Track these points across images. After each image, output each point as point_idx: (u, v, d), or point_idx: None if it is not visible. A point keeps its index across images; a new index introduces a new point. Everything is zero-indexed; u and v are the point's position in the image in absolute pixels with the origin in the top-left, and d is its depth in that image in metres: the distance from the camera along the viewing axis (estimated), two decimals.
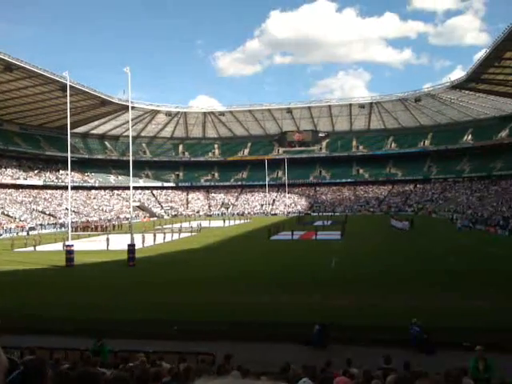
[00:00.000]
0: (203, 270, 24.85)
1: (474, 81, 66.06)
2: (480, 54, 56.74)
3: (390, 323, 14.05)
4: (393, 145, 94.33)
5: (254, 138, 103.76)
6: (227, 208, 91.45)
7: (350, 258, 28.62)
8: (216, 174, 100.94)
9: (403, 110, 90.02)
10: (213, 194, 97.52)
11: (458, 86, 71.47)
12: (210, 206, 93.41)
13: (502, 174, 74.61)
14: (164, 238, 42.10)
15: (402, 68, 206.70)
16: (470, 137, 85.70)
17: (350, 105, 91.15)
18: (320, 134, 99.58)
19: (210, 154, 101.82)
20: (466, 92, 73.94)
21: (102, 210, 77.20)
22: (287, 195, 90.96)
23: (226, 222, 64.17)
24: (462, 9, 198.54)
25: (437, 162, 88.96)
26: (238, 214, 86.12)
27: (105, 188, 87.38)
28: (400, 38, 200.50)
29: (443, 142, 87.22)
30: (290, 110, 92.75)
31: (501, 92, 69.27)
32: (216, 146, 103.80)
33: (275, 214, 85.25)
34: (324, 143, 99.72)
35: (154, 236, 40.45)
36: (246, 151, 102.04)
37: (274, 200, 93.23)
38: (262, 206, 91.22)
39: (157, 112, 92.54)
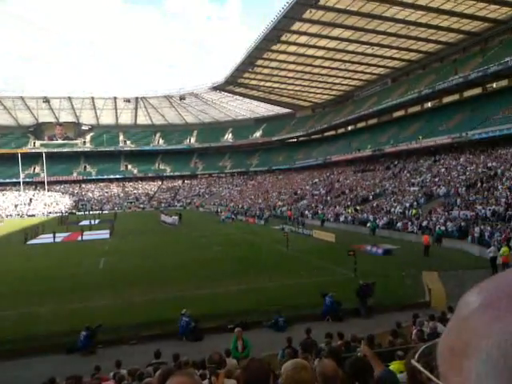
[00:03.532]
0: None
1: (232, 84, 72.82)
2: (237, 59, 62.21)
3: (161, 317, 13.96)
4: (161, 141, 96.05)
5: (3, 128, 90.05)
6: None
7: (118, 256, 27.67)
8: None
9: (169, 106, 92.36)
10: None
11: (218, 87, 77.44)
12: None
13: (257, 170, 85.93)
14: None
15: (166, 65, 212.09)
16: (230, 136, 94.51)
17: (115, 98, 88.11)
18: (83, 127, 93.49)
19: None
20: (225, 94, 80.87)
21: None
22: (47, 193, 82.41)
23: None
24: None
25: (202, 159, 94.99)
26: None
27: None
28: None
29: (207, 139, 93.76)
30: (47, 100, 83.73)
31: (255, 96, 78.65)
32: None
33: (33, 216, 75.91)
34: (88, 137, 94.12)
35: None
36: None
37: (30, 199, 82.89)
38: (16, 206, 79.88)
39: None
